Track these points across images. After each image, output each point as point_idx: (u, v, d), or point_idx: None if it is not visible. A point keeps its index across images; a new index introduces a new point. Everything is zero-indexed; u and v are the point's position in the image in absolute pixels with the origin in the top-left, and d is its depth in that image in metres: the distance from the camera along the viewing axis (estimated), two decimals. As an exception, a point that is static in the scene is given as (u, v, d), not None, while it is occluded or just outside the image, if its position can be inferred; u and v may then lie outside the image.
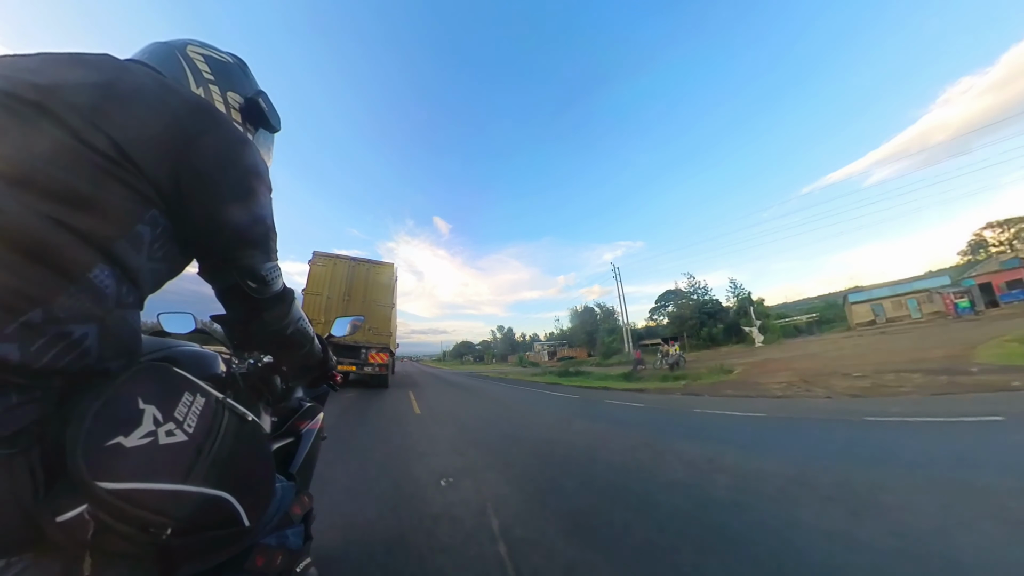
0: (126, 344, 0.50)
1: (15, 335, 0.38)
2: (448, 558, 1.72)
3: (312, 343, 0.85)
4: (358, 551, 1.74)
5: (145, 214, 0.49)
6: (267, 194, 0.65)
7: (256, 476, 0.62)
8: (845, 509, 2.15)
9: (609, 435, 4.58)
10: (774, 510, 2.21)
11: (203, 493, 0.49)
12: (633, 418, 5.87)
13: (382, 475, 2.92)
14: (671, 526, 2.04)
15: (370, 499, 2.40)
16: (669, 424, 5.25)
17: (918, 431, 3.84)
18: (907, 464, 2.85)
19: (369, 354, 9.05)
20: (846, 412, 5.01)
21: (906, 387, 6.30)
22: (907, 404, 5.15)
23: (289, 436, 1.10)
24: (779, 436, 4.25)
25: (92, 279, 0.43)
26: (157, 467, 0.45)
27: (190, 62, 0.68)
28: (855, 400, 5.97)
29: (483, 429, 5.23)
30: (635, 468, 3.15)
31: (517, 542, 1.86)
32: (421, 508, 2.28)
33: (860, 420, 4.48)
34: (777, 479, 2.70)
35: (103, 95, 0.48)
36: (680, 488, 2.62)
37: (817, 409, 5.49)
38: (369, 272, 9.82)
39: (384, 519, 2.12)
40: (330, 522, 1.95)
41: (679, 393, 9.07)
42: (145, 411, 0.46)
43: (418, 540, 1.87)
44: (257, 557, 0.72)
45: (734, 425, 4.92)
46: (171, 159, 0.51)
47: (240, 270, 0.60)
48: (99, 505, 0.41)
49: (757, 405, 6.27)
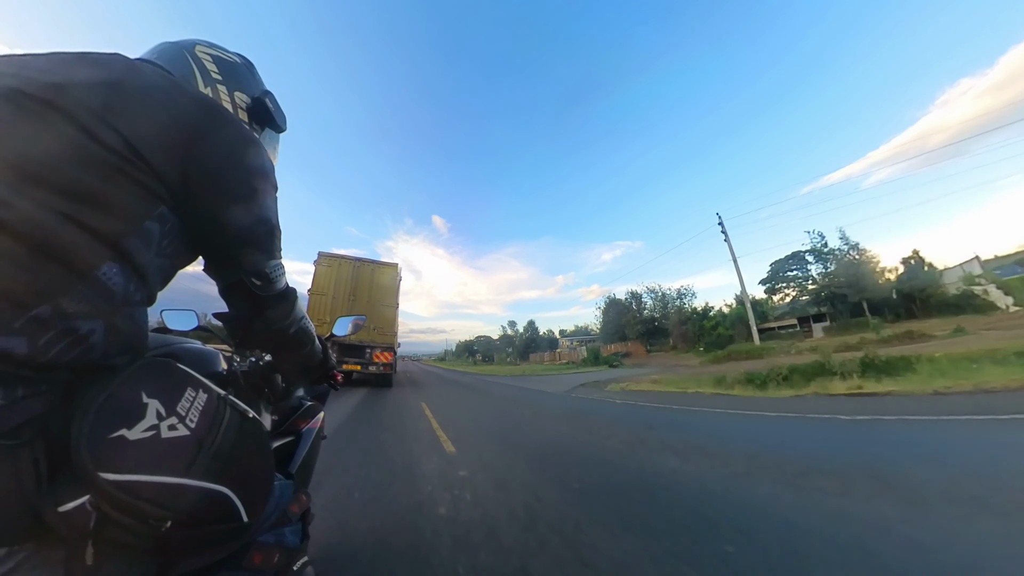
0: (132, 341, 0.50)
1: (23, 329, 0.39)
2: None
3: (313, 343, 0.85)
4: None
5: (154, 211, 0.50)
6: (273, 193, 0.66)
7: (256, 472, 0.62)
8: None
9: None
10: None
11: (203, 487, 0.49)
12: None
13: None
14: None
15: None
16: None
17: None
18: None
19: (374, 353, 9.14)
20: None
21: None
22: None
23: (289, 435, 1.10)
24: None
25: (101, 276, 0.44)
26: (159, 460, 0.45)
27: (199, 62, 0.69)
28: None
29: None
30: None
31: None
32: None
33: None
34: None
35: (113, 93, 0.49)
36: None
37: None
38: (373, 272, 9.91)
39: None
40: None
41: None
42: (148, 405, 0.46)
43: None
44: (255, 554, 0.73)
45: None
46: (180, 157, 0.52)
47: (245, 267, 0.61)
48: (101, 496, 0.42)
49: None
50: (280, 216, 0.67)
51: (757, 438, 3.97)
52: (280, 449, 1.05)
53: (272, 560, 0.75)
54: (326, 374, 1.03)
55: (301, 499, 0.93)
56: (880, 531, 1.83)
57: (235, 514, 0.54)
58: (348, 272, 9.53)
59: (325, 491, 2.26)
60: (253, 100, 0.77)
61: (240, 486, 0.55)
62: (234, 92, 0.73)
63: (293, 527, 0.87)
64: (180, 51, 0.68)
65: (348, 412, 5.55)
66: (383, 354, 9.27)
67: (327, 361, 0.99)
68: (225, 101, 0.71)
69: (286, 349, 0.78)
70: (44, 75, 0.47)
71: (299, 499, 0.92)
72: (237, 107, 0.74)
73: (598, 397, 8.74)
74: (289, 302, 0.71)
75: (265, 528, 0.79)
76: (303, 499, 0.94)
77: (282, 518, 0.84)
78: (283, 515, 0.84)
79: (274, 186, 0.67)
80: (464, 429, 4.74)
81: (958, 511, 1.98)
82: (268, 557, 0.74)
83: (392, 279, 10.14)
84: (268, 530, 0.80)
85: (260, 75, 0.82)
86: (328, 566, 1.56)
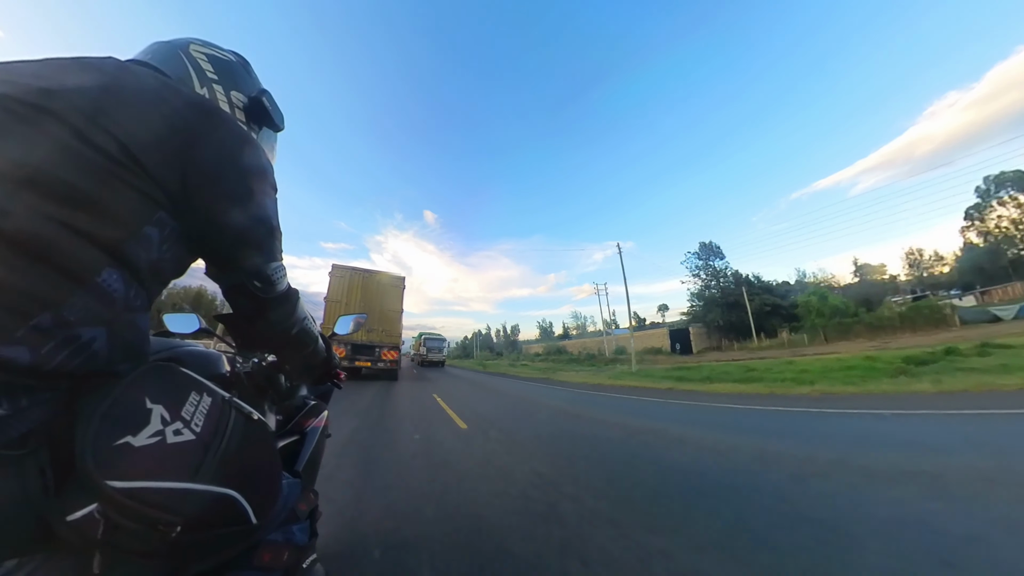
0: (135, 346, 0.50)
1: (25, 338, 0.38)
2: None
3: (316, 342, 0.85)
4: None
5: (153, 215, 0.49)
6: (272, 194, 0.65)
7: (263, 474, 0.62)
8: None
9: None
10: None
11: (211, 491, 0.49)
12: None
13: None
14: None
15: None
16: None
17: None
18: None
19: (382, 352, 10.82)
20: None
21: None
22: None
23: (294, 434, 1.10)
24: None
25: (101, 283, 0.44)
26: (166, 466, 0.45)
27: (193, 61, 0.67)
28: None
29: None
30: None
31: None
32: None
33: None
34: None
35: (106, 96, 0.48)
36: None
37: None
38: (381, 282, 11.45)
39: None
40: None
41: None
42: (153, 411, 0.46)
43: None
44: (264, 553, 0.73)
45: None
46: (177, 159, 0.51)
47: (246, 270, 0.61)
48: (109, 504, 0.41)
49: None
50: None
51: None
52: (286, 448, 1.05)
53: (281, 558, 0.75)
54: (329, 373, 1.04)
55: (309, 497, 0.93)
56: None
57: (244, 517, 0.54)
58: (359, 281, 11.07)
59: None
60: (250, 99, 0.75)
61: (248, 488, 0.55)
62: (230, 91, 0.72)
63: (301, 525, 0.88)
64: (174, 51, 0.66)
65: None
66: (390, 352, 10.94)
67: (330, 360, 0.99)
68: (221, 101, 0.70)
69: (289, 349, 0.78)
70: (36, 80, 0.46)
71: (307, 497, 0.92)
72: (234, 107, 0.72)
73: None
74: (291, 303, 0.70)
75: (273, 527, 0.79)
76: (311, 497, 0.94)
77: (290, 517, 0.84)
78: (291, 514, 0.85)
79: (273, 187, 0.66)
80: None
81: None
82: (277, 555, 0.75)
83: (397, 287, 11.75)
84: (276, 529, 0.80)
85: (256, 73, 0.81)
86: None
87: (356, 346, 9.96)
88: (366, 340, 10.21)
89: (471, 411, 6.11)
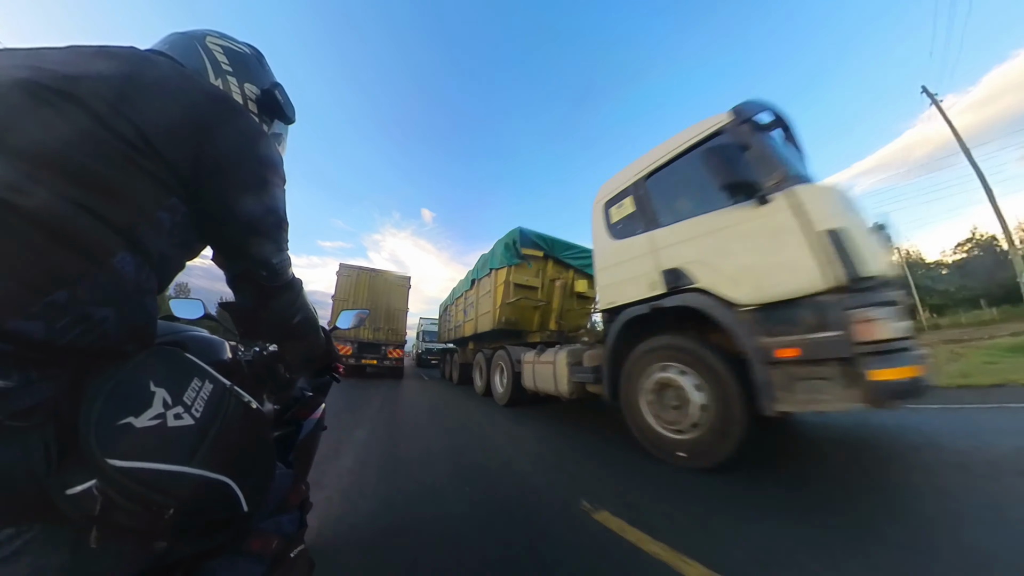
0: (143, 328, 0.51)
1: (41, 314, 0.39)
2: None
3: (317, 333, 0.86)
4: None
5: (166, 201, 0.51)
6: (281, 186, 0.66)
7: (257, 463, 0.63)
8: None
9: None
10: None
11: (206, 476, 0.50)
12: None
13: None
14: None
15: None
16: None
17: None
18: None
19: (388, 350, 10.97)
20: None
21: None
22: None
23: (290, 425, 1.11)
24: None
25: (115, 264, 0.45)
26: (164, 448, 0.46)
27: (209, 53, 0.69)
28: None
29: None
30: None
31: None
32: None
33: None
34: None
35: (127, 85, 0.50)
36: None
37: None
38: (387, 282, 11.50)
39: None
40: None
41: None
42: (156, 394, 0.47)
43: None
44: (253, 541, 0.74)
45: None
46: (191, 148, 0.53)
47: (253, 258, 0.62)
48: (107, 481, 0.42)
49: None
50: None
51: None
52: (281, 438, 1.06)
53: (270, 547, 0.76)
54: (329, 365, 1.04)
55: (300, 488, 0.94)
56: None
57: (236, 503, 0.55)
58: (366, 281, 11.08)
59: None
60: (263, 92, 0.77)
61: (241, 476, 0.56)
62: (244, 83, 0.73)
63: (291, 515, 0.88)
64: (191, 42, 0.68)
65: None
66: (396, 351, 11.13)
67: (331, 351, 1.00)
68: (235, 92, 0.72)
69: (291, 339, 0.79)
70: (61, 67, 0.48)
71: (298, 488, 0.93)
72: (247, 98, 0.74)
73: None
74: (294, 293, 0.71)
75: (264, 516, 0.80)
76: (302, 488, 0.95)
77: (281, 506, 0.85)
78: (282, 503, 0.85)
79: (282, 178, 0.67)
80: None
81: None
82: (266, 544, 0.75)
83: (403, 287, 11.82)
84: (267, 518, 0.81)
85: (270, 66, 0.82)
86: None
87: (362, 344, 10.17)
88: (372, 339, 10.47)
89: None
